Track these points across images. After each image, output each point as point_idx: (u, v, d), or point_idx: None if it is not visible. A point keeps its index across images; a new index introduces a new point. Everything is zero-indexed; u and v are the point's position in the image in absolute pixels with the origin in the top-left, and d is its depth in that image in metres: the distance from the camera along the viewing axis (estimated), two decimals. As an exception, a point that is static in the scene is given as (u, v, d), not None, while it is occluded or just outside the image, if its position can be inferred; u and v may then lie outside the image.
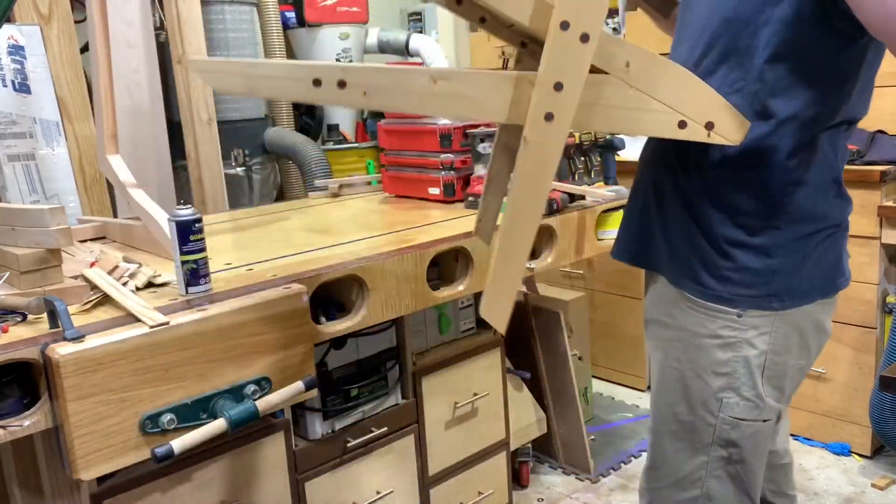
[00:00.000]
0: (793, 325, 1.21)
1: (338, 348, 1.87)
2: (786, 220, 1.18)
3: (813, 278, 1.20)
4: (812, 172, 1.17)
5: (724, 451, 1.26)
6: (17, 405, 1.29)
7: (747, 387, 1.22)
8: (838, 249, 1.24)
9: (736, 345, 1.21)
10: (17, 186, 2.34)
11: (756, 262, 1.19)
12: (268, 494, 1.71)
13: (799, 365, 1.26)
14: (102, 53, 1.95)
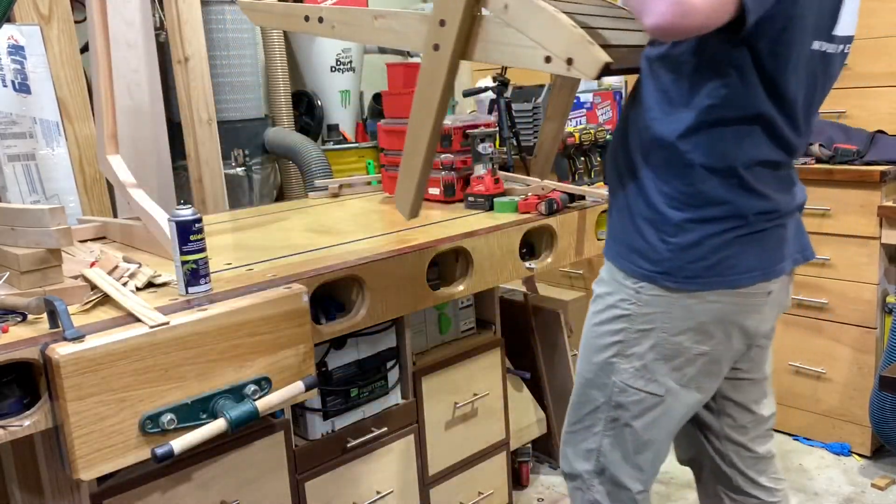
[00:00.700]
0: (688, 310, 1.28)
1: (338, 348, 1.87)
2: (685, 201, 1.26)
3: (707, 266, 1.26)
4: (708, 157, 1.23)
5: (615, 413, 1.37)
6: (17, 405, 1.29)
7: (636, 357, 1.32)
8: (743, 245, 1.27)
9: (632, 317, 1.31)
10: (17, 186, 2.34)
11: (657, 239, 1.28)
12: (268, 494, 1.71)
13: (700, 350, 1.31)
14: (102, 53, 1.95)
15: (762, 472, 1.56)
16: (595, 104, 3.34)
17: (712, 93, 1.21)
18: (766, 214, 1.29)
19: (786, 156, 1.30)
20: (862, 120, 2.69)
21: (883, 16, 2.58)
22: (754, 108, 1.22)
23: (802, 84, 1.24)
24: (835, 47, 1.26)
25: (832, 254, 2.60)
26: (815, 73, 1.25)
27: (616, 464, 1.41)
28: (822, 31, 1.22)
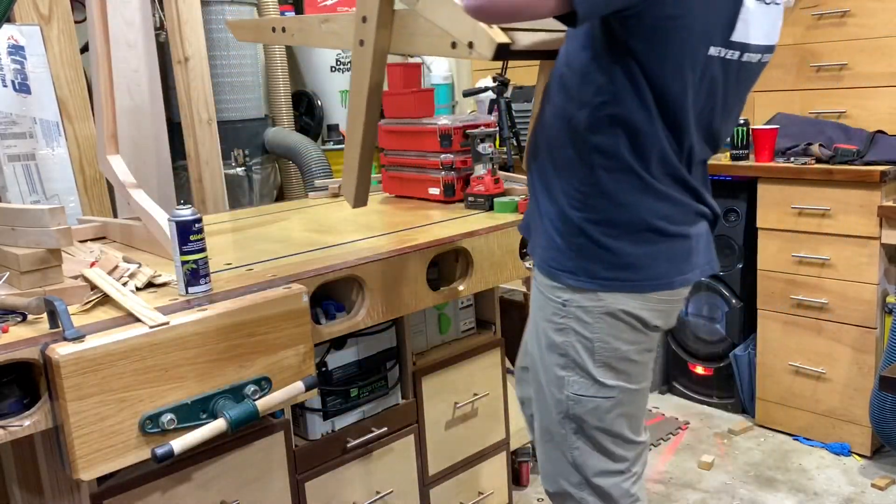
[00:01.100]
0: (612, 315, 1.30)
1: (338, 348, 1.87)
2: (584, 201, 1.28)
3: (613, 267, 1.28)
4: (604, 157, 1.26)
5: (574, 424, 1.38)
6: (17, 405, 1.29)
7: (581, 368, 1.34)
8: (648, 250, 1.28)
9: (566, 330, 1.33)
10: (17, 186, 2.34)
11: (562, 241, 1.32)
12: (268, 494, 1.71)
13: (639, 349, 1.34)
14: (102, 53, 1.95)
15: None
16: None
17: (602, 91, 1.24)
18: (670, 219, 1.30)
19: (681, 158, 1.29)
20: (862, 120, 2.69)
21: (883, 16, 2.58)
22: (645, 109, 1.23)
23: (693, 88, 1.23)
24: (737, 54, 1.25)
25: (832, 254, 2.60)
26: (714, 78, 1.25)
27: (595, 469, 1.42)
28: (717, 37, 1.22)
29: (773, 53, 1.35)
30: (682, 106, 1.24)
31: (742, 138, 2.79)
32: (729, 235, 2.94)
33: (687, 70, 1.21)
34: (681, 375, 3.20)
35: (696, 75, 1.22)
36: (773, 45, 1.33)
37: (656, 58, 1.20)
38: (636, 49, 1.19)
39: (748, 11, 1.22)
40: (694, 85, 1.23)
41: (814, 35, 2.76)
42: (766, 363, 2.84)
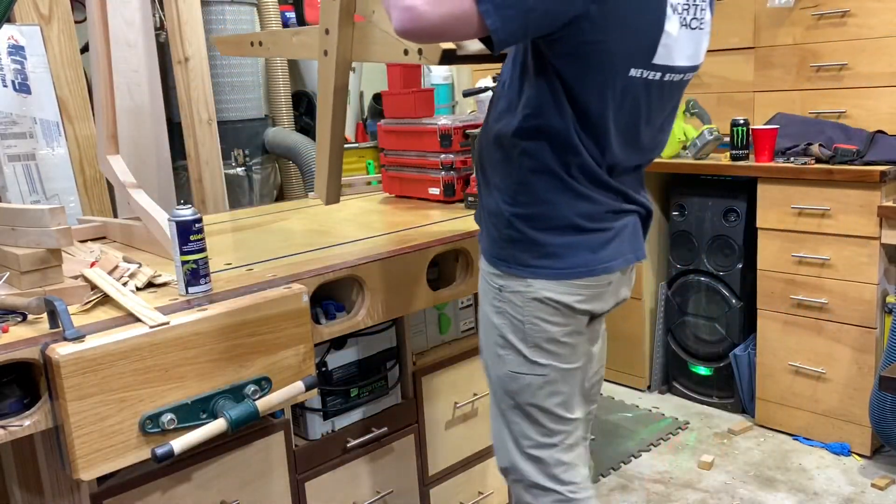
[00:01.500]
0: (539, 300, 1.41)
1: (338, 348, 1.87)
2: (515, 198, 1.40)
3: (537, 257, 1.40)
4: (532, 159, 1.37)
5: (512, 400, 1.50)
6: (17, 405, 1.29)
7: (515, 347, 1.46)
8: (569, 241, 1.40)
9: (503, 313, 1.45)
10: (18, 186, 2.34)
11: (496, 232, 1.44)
12: (268, 494, 1.71)
13: (566, 331, 1.45)
14: (102, 53, 1.95)
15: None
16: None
17: (529, 102, 1.36)
18: (593, 217, 1.40)
19: (603, 166, 1.39)
20: (862, 120, 2.69)
21: (883, 16, 2.58)
22: (563, 122, 1.34)
23: (614, 104, 1.34)
24: (659, 75, 1.36)
25: (832, 254, 2.60)
26: (636, 96, 1.35)
27: (531, 441, 1.52)
28: (638, 60, 1.32)
29: (697, 71, 1.48)
30: (603, 121, 1.34)
31: (742, 138, 2.79)
32: (729, 235, 2.94)
33: (607, 89, 1.32)
34: (681, 375, 3.21)
35: (617, 94, 1.33)
36: (697, 65, 1.46)
37: (578, 77, 1.30)
38: (560, 68, 1.31)
39: (670, 37, 1.33)
40: (615, 102, 1.34)
41: (814, 35, 2.76)
42: (765, 363, 2.84)
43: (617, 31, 1.27)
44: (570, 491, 1.53)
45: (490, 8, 1.18)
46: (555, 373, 1.46)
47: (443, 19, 1.18)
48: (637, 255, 1.50)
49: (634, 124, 1.39)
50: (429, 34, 1.22)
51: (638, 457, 2.76)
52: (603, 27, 1.25)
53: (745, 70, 2.97)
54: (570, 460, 1.53)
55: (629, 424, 3.01)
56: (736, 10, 2.94)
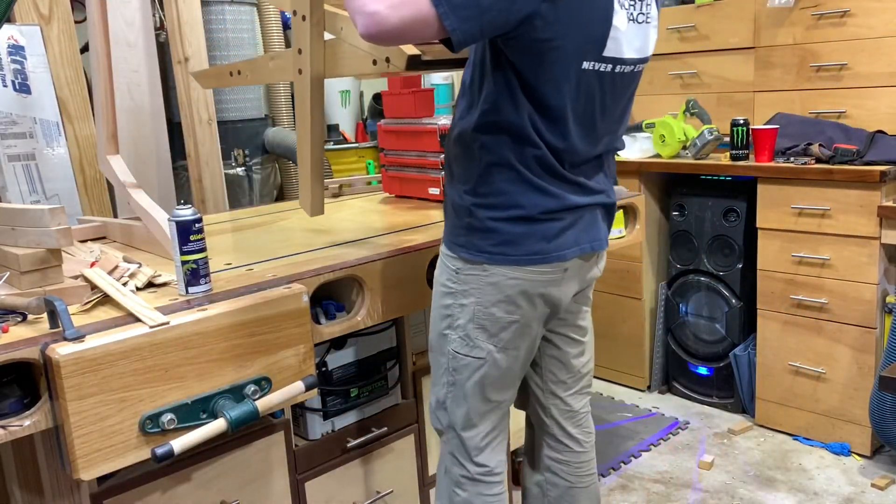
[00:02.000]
0: (495, 285, 1.49)
1: (338, 348, 1.87)
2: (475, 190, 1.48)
3: (494, 244, 1.47)
4: (490, 154, 1.45)
5: (451, 378, 1.59)
6: (17, 405, 1.29)
7: (461, 328, 1.54)
8: (525, 231, 1.46)
9: (455, 294, 1.53)
10: (18, 186, 2.34)
11: (458, 221, 1.51)
12: (268, 494, 1.71)
13: (511, 319, 1.51)
14: (102, 53, 1.95)
15: (576, 425, 1.77)
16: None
17: (488, 98, 1.43)
18: (548, 209, 1.47)
19: (561, 159, 1.46)
20: (862, 120, 2.69)
21: (883, 16, 2.58)
22: (519, 117, 1.41)
23: (570, 96, 1.41)
24: (610, 67, 1.43)
25: (832, 254, 2.60)
26: (590, 86, 1.43)
27: (459, 417, 1.60)
28: (590, 54, 1.40)
29: (647, 63, 1.56)
30: (562, 112, 1.42)
31: (742, 138, 2.80)
32: (729, 235, 2.94)
33: (563, 82, 1.39)
34: (681, 375, 3.21)
35: (573, 86, 1.41)
36: (646, 57, 1.53)
37: (534, 72, 1.38)
38: (516, 64, 1.38)
39: (618, 31, 1.41)
40: (571, 94, 1.41)
41: (814, 35, 2.76)
42: (765, 363, 2.84)
43: (567, 26, 1.35)
44: (479, 473, 1.63)
45: (447, 10, 1.26)
46: (492, 358, 1.54)
47: (403, 22, 1.25)
48: (594, 245, 1.56)
49: (591, 114, 1.47)
50: (392, 37, 1.29)
51: (638, 457, 2.76)
52: (554, 23, 1.33)
53: (745, 70, 2.97)
54: (487, 444, 1.62)
55: (629, 424, 3.01)
56: (736, 10, 2.94)
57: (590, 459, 1.80)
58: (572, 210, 1.50)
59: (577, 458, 1.78)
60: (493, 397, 1.59)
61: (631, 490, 2.55)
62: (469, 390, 1.57)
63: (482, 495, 1.63)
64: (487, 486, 1.63)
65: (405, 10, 1.25)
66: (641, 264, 3.15)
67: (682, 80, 3.17)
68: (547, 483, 1.80)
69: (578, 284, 1.60)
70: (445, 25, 1.27)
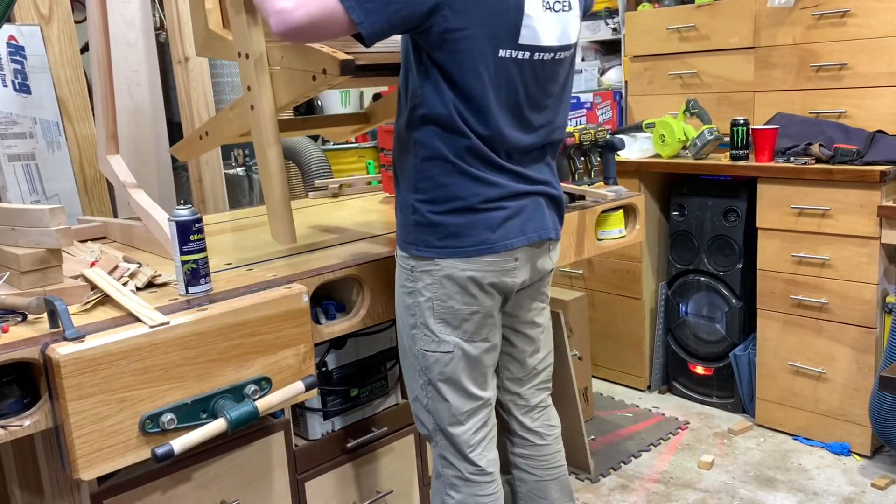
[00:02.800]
0: (448, 277, 1.51)
1: (338, 348, 1.87)
2: (417, 186, 1.51)
3: (441, 238, 1.50)
4: (425, 148, 1.48)
5: (425, 378, 1.60)
6: (17, 405, 1.29)
7: (426, 325, 1.55)
8: (468, 221, 1.49)
9: (414, 292, 1.55)
10: (18, 186, 2.34)
11: (406, 219, 1.54)
12: (268, 494, 1.71)
13: (471, 310, 1.54)
14: (102, 53, 1.95)
15: (535, 419, 1.79)
16: (595, 104, 3.35)
17: (415, 94, 1.47)
18: (486, 198, 1.49)
19: (494, 148, 1.49)
20: (862, 120, 2.69)
21: (883, 16, 2.58)
22: (445, 107, 1.44)
23: (491, 84, 1.44)
24: (528, 54, 1.47)
25: (832, 254, 2.60)
26: (509, 74, 1.46)
27: (443, 416, 1.61)
28: (505, 42, 1.43)
29: (572, 51, 1.58)
30: (485, 101, 1.45)
31: (742, 138, 2.80)
32: (729, 235, 2.94)
33: (482, 71, 1.43)
34: (681, 375, 3.21)
35: (492, 74, 1.44)
36: (569, 45, 1.55)
37: (453, 63, 1.41)
38: (435, 57, 1.42)
39: (532, 19, 1.44)
40: (492, 82, 1.45)
41: (814, 35, 2.76)
42: (765, 363, 2.84)
43: (478, 15, 1.39)
44: (472, 473, 1.63)
45: (353, 4, 1.32)
46: (460, 349, 1.56)
47: (311, 17, 1.32)
48: (540, 233, 1.58)
49: (516, 103, 1.50)
50: (303, 32, 1.35)
51: (638, 457, 2.76)
52: (464, 13, 1.38)
53: (745, 70, 2.97)
54: (477, 442, 1.63)
55: (629, 424, 3.01)
56: (736, 10, 2.94)
57: (555, 451, 1.81)
58: (513, 198, 1.52)
59: (541, 451, 1.79)
60: (471, 390, 1.60)
61: (631, 490, 2.55)
62: (445, 386, 1.58)
63: (477, 496, 1.63)
64: (481, 485, 1.63)
65: (312, 6, 1.32)
66: (641, 264, 3.15)
67: (682, 80, 3.17)
68: (516, 480, 1.82)
69: (530, 274, 1.61)
70: (353, 18, 1.33)
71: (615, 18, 3.46)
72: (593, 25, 3.56)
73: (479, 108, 1.45)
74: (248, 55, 1.66)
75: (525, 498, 1.81)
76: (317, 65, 1.58)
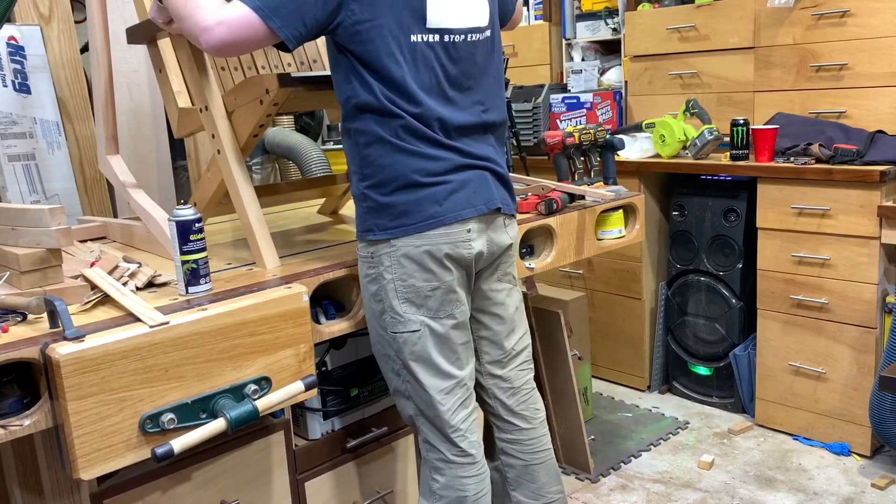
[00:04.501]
0: (405, 256, 1.55)
1: (338, 348, 1.87)
2: (363, 173, 1.56)
3: (392, 218, 1.54)
4: (363, 134, 1.54)
5: (398, 362, 1.62)
6: (17, 405, 1.29)
7: (391, 308, 1.58)
8: (414, 198, 1.54)
9: (377, 278, 1.59)
10: (18, 186, 2.34)
11: (360, 207, 1.59)
12: (268, 494, 1.71)
13: (431, 286, 1.57)
14: (102, 53, 1.95)
15: (521, 402, 1.80)
16: (595, 104, 3.35)
17: (344, 88, 1.55)
18: (429, 172, 1.54)
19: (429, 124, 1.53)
20: (862, 120, 2.69)
21: (883, 16, 2.58)
22: (373, 94, 1.51)
23: (409, 67, 1.51)
24: (438, 37, 1.54)
25: (832, 254, 2.60)
26: (426, 57, 1.54)
27: (421, 399, 1.63)
28: (414, 27, 1.51)
29: (487, 33, 1.64)
30: (406, 84, 1.51)
31: (742, 138, 2.80)
32: (729, 235, 2.94)
33: (398, 56, 1.50)
34: (681, 375, 3.21)
35: (408, 58, 1.51)
36: (480, 27, 1.62)
37: (370, 53, 1.49)
38: (353, 50, 1.50)
39: (435, 3, 1.52)
40: (410, 66, 1.52)
41: (814, 35, 2.76)
42: (765, 363, 2.84)
43: (382, 5, 1.48)
44: (455, 454, 1.65)
45: (267, 13, 1.42)
46: (426, 327, 1.58)
47: (233, 31, 1.43)
48: (488, 204, 1.62)
49: (437, 84, 1.56)
50: (229, 45, 1.45)
51: (638, 457, 2.76)
52: (369, 5, 1.47)
53: (745, 70, 2.97)
54: (457, 423, 1.64)
55: (629, 424, 3.01)
56: (736, 10, 2.94)
57: (541, 435, 1.83)
58: (455, 171, 1.57)
59: (527, 435, 1.80)
60: (444, 367, 1.61)
61: (631, 490, 2.55)
62: (417, 366, 1.60)
63: (460, 478, 1.65)
64: (464, 467, 1.65)
65: (232, 21, 1.43)
66: (641, 264, 3.15)
67: (682, 80, 3.17)
68: (504, 466, 1.83)
69: (487, 247, 1.64)
70: (271, 26, 1.43)
71: (615, 18, 3.46)
72: (593, 25, 3.56)
73: (403, 91, 1.51)
74: (206, 107, 1.74)
75: (514, 483, 1.82)
76: (260, 89, 1.67)
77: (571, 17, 3.61)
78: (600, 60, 3.60)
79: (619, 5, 3.39)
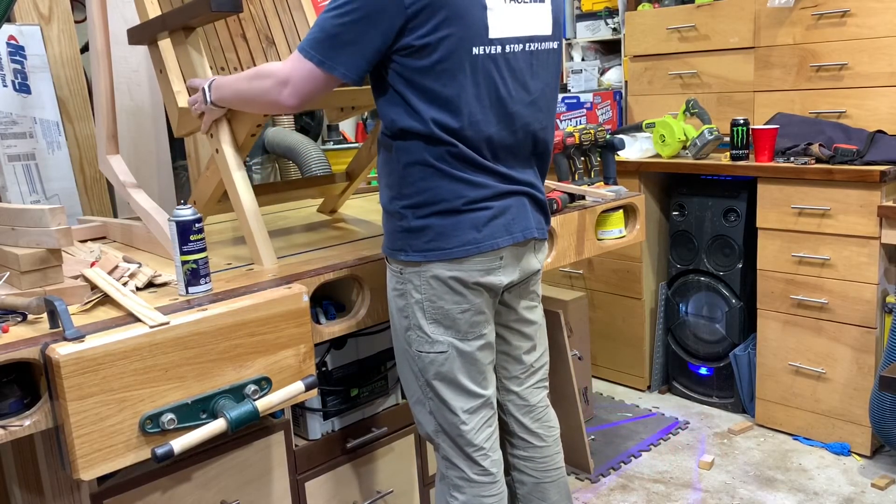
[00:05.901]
0: (435, 278, 1.53)
1: (338, 348, 1.87)
2: (400, 193, 1.52)
3: (428, 241, 1.51)
4: (407, 155, 1.49)
5: (423, 378, 1.60)
6: (17, 405, 1.29)
7: (419, 326, 1.56)
8: (452, 222, 1.51)
9: (405, 294, 1.56)
10: (18, 186, 2.34)
11: (393, 225, 1.55)
12: (268, 494, 1.71)
13: (461, 308, 1.55)
14: (102, 53, 1.95)
15: (535, 419, 1.78)
16: (595, 104, 3.35)
17: (387, 112, 1.50)
18: (471, 199, 1.51)
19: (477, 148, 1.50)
20: (862, 120, 2.69)
21: (883, 16, 2.58)
22: (422, 122, 1.46)
23: (472, 83, 1.46)
24: (499, 48, 1.48)
25: (832, 254, 2.60)
26: (488, 72, 1.48)
27: (444, 417, 1.61)
28: (477, 38, 1.45)
29: (551, 45, 1.58)
30: (460, 102, 1.46)
31: (742, 138, 2.80)
32: (729, 235, 2.94)
33: (457, 71, 1.44)
34: (681, 375, 3.21)
35: (468, 73, 1.46)
36: (543, 36, 1.56)
37: (423, 71, 1.44)
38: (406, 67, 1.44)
39: (494, 12, 1.46)
40: (470, 80, 1.46)
41: (814, 35, 2.76)
42: (765, 363, 2.84)
43: (446, 18, 1.41)
44: (476, 473, 1.63)
45: (331, 65, 1.42)
46: (454, 348, 1.56)
47: (301, 93, 1.46)
48: (525, 233, 1.59)
49: (498, 99, 1.50)
50: (302, 105, 1.48)
51: (638, 457, 2.76)
52: (431, 19, 1.40)
53: (745, 70, 2.97)
54: (480, 442, 1.62)
55: (629, 424, 3.01)
56: (736, 10, 2.94)
57: (554, 454, 1.80)
58: (497, 198, 1.54)
59: (541, 452, 1.78)
60: (470, 388, 1.59)
61: (631, 490, 2.55)
62: (443, 386, 1.58)
63: (481, 497, 1.62)
64: (485, 486, 1.62)
65: (297, 83, 1.45)
66: (641, 264, 3.15)
67: (682, 80, 3.17)
68: (515, 482, 1.80)
69: (518, 274, 1.62)
70: (336, 76, 1.42)
71: (615, 18, 3.46)
72: (593, 25, 3.56)
73: (457, 110, 1.46)
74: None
75: (523, 500, 1.80)
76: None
77: (571, 17, 3.62)
78: (600, 60, 3.60)
79: (619, 5, 3.39)
